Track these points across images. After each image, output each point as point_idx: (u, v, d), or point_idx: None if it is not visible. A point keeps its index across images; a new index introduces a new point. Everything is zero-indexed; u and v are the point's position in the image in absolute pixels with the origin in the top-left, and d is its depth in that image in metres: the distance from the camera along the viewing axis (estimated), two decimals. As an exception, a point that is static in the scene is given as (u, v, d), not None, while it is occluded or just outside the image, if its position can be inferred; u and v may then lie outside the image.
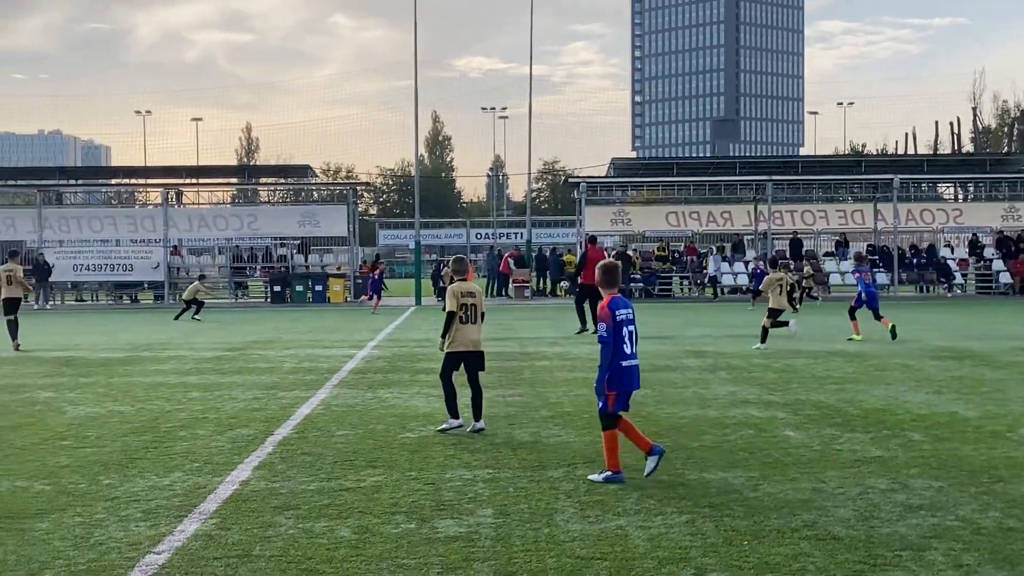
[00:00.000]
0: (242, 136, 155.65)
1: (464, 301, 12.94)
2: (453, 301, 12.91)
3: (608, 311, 10.00)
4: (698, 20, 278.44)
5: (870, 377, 17.82)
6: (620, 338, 10.00)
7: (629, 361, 10.05)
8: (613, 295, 10.22)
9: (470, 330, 13.02)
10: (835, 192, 58.51)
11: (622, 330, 10.03)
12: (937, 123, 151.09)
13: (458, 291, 12.97)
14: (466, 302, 12.95)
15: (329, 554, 7.61)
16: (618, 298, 10.20)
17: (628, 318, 10.13)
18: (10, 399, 16.24)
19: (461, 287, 13.05)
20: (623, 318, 10.06)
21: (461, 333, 12.98)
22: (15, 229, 53.73)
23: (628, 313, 10.16)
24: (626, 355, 10.03)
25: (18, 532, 8.28)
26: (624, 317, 10.08)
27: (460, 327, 12.95)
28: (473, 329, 13.06)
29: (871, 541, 7.80)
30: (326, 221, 53.61)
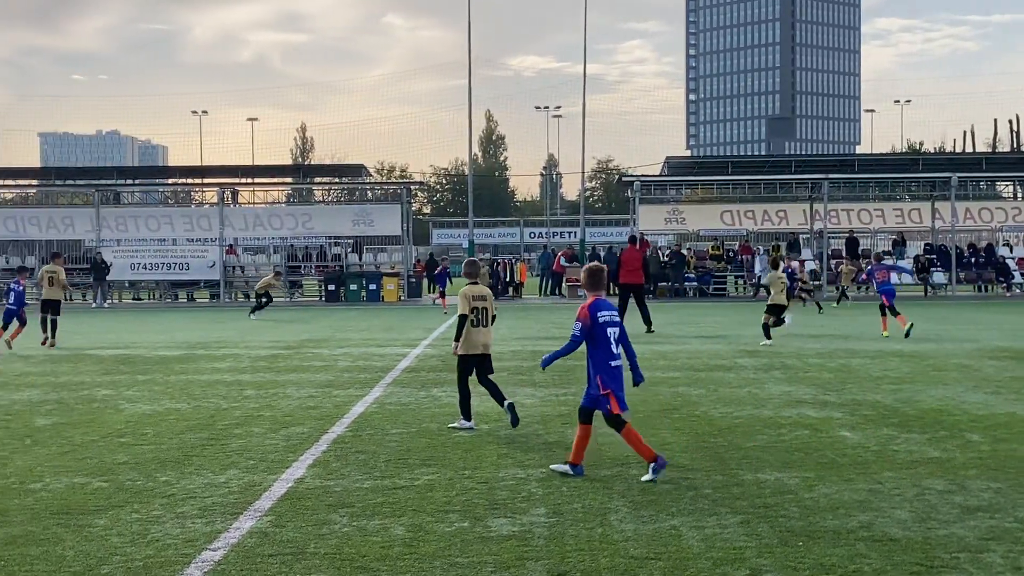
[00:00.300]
0: (297, 136, 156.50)
1: (476, 304, 13.02)
2: (465, 304, 12.98)
3: (588, 313, 10.16)
4: (754, 18, 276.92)
5: (927, 377, 17.65)
6: (606, 339, 10.12)
7: (616, 361, 10.17)
8: (597, 297, 10.41)
9: (482, 333, 13.11)
10: (892, 191, 58.04)
11: (606, 331, 10.16)
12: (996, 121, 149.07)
13: (469, 294, 13.05)
14: (477, 305, 13.05)
15: (383, 552, 7.64)
16: (601, 300, 10.38)
17: (612, 320, 10.26)
18: (69, 396, 16.41)
19: (472, 290, 13.13)
20: (606, 320, 10.20)
21: (473, 336, 13.06)
22: (73, 228, 54.30)
23: (612, 315, 10.30)
24: (614, 355, 10.16)
25: (77, 528, 8.36)
26: (607, 319, 10.21)
27: (471, 330, 13.03)
28: (484, 332, 13.14)
29: (928, 543, 7.72)
30: (380, 220, 53.76)
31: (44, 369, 20.56)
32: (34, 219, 54.14)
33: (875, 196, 56.93)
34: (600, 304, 10.30)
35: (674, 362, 20.32)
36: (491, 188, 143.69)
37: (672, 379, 17.68)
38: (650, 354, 21.93)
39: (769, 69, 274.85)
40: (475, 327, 13.03)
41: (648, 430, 12.62)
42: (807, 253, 54.61)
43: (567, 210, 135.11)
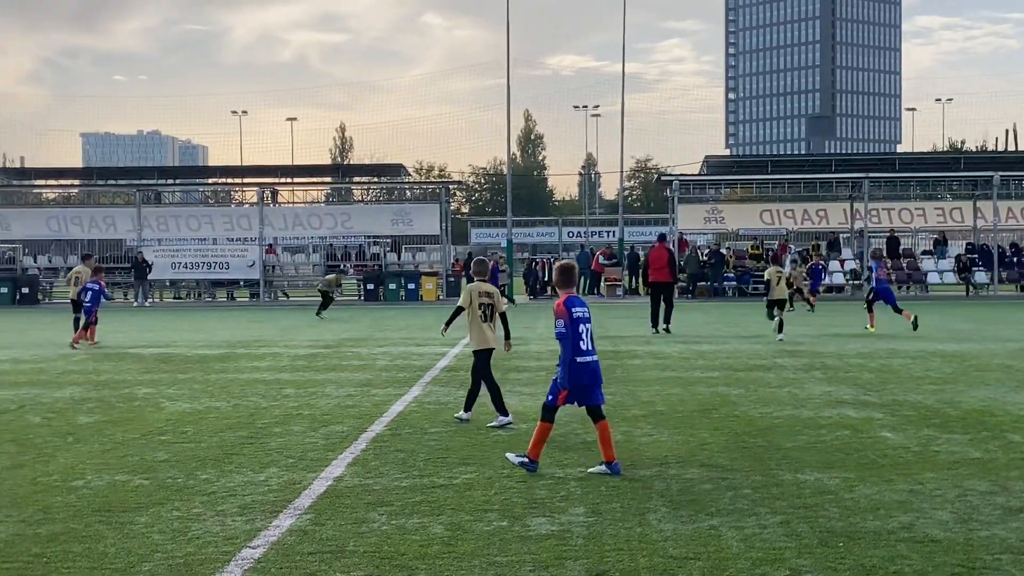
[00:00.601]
0: (336, 135, 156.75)
1: (481, 300, 13.41)
2: (467, 297, 13.43)
3: (565, 308, 10.30)
4: (793, 16, 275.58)
5: (969, 378, 17.52)
6: (577, 335, 10.25)
7: (584, 358, 10.26)
8: (570, 294, 10.58)
9: (491, 328, 13.48)
10: (933, 190, 57.58)
11: (579, 327, 10.29)
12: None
13: (475, 290, 13.49)
14: (483, 301, 13.41)
15: (422, 550, 7.65)
16: (574, 297, 10.55)
17: (584, 316, 10.40)
18: (110, 395, 16.53)
19: (478, 287, 13.56)
20: (579, 316, 10.33)
21: (486, 332, 13.44)
22: (115, 228, 54.65)
23: (584, 312, 10.44)
24: (583, 351, 10.25)
25: (118, 526, 8.42)
26: (580, 315, 10.35)
27: (483, 326, 13.41)
28: (492, 327, 13.49)
29: (970, 544, 7.66)
30: (419, 220, 53.84)
31: (86, 367, 20.72)
32: (76, 219, 54.53)
33: (916, 195, 56.47)
34: (574, 300, 10.46)
35: (713, 362, 20.26)
36: (529, 188, 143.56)
37: (711, 379, 17.63)
38: (689, 353, 21.89)
39: (809, 68, 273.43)
40: (484, 322, 13.40)
41: (687, 430, 12.62)
42: (847, 252, 54.30)
43: (606, 209, 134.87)
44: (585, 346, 10.27)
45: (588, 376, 10.26)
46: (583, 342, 10.27)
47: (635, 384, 17.04)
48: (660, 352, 22.35)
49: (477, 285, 13.56)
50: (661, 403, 14.88)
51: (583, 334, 10.29)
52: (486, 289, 13.52)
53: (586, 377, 10.25)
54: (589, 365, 10.28)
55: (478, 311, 13.33)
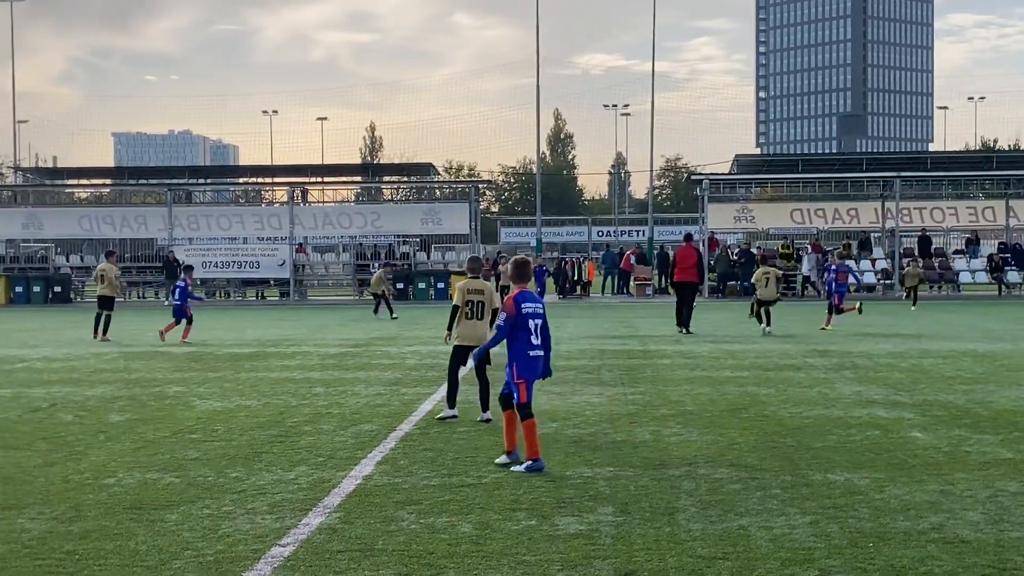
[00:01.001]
0: (366, 135, 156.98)
1: (470, 298, 13.51)
2: (459, 296, 13.53)
3: (513, 303, 10.65)
4: (824, 15, 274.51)
5: (1001, 378, 17.42)
6: (527, 330, 10.60)
7: (535, 351, 10.63)
8: (522, 289, 10.93)
9: (476, 325, 13.52)
10: (965, 189, 57.25)
11: (528, 322, 10.62)
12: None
13: (465, 288, 13.59)
14: (472, 298, 13.51)
15: (450, 549, 7.66)
16: (526, 292, 10.88)
17: (535, 312, 10.72)
18: (141, 393, 16.62)
19: (469, 284, 13.65)
20: (529, 311, 10.67)
21: (466, 328, 13.52)
22: (146, 227, 54.93)
23: (536, 307, 10.76)
24: (533, 346, 10.62)
25: (149, 523, 8.47)
26: (531, 311, 10.69)
27: (465, 322, 13.52)
28: (479, 324, 13.51)
29: (1000, 545, 7.63)
30: (448, 219, 53.91)
31: (117, 366, 20.84)
32: (108, 218, 54.83)
33: (948, 194, 56.18)
34: (524, 296, 10.78)
35: (743, 361, 20.21)
36: (559, 187, 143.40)
37: (741, 378, 17.59)
38: (719, 353, 21.84)
39: (840, 66, 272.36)
40: (469, 319, 13.51)
41: (716, 429, 12.59)
42: (878, 252, 54.05)
43: (635, 209, 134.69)
44: (536, 340, 10.64)
45: (532, 371, 10.66)
46: (533, 336, 10.62)
47: (664, 384, 17.02)
48: (690, 352, 22.30)
49: (468, 283, 13.66)
50: (691, 403, 14.85)
51: (533, 329, 10.63)
52: (477, 287, 13.63)
53: (532, 370, 10.66)
54: (535, 360, 10.66)
55: (465, 308, 13.50)
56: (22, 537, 8.11)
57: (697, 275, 28.56)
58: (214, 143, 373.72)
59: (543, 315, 10.81)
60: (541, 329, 10.71)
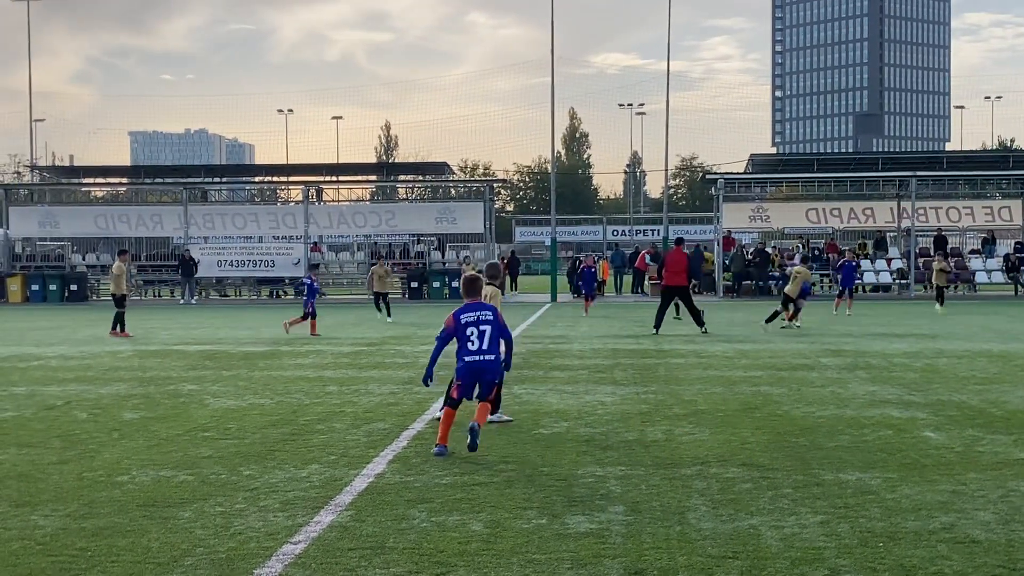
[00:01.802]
0: (381, 134, 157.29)
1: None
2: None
3: (452, 319, 11.60)
4: (841, 14, 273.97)
5: (1015, 378, 17.38)
6: (465, 338, 11.50)
7: (472, 357, 11.45)
8: (472, 302, 11.83)
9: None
10: (981, 188, 57.08)
11: (466, 331, 11.50)
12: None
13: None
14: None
15: (461, 547, 7.68)
16: (468, 305, 11.74)
17: (474, 320, 11.55)
18: (156, 391, 16.69)
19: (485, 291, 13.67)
20: (468, 320, 11.53)
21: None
22: (162, 226, 55.14)
23: (473, 316, 11.58)
24: (469, 351, 11.47)
25: (161, 520, 8.51)
26: (468, 320, 11.54)
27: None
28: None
29: (1011, 545, 7.61)
30: (463, 218, 53.97)
31: (132, 364, 20.92)
32: (124, 217, 55.05)
33: (964, 194, 56.04)
34: (466, 308, 11.67)
35: (756, 361, 20.19)
36: (574, 186, 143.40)
37: (754, 378, 17.58)
38: (732, 352, 21.83)
39: (856, 65, 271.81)
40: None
41: (729, 429, 12.59)
42: (894, 251, 53.93)
43: (650, 208, 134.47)
44: (473, 347, 11.49)
45: (469, 375, 11.49)
46: (471, 343, 11.47)
47: (677, 383, 17.02)
48: (703, 351, 22.30)
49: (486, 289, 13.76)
50: (703, 402, 14.85)
51: (471, 336, 11.48)
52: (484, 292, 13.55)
53: (468, 376, 11.49)
54: (471, 365, 11.46)
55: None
56: (35, 534, 8.16)
57: (687, 278, 28.17)
58: (230, 142, 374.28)
59: (491, 321, 11.57)
60: (490, 335, 11.54)
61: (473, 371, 11.49)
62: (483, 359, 11.49)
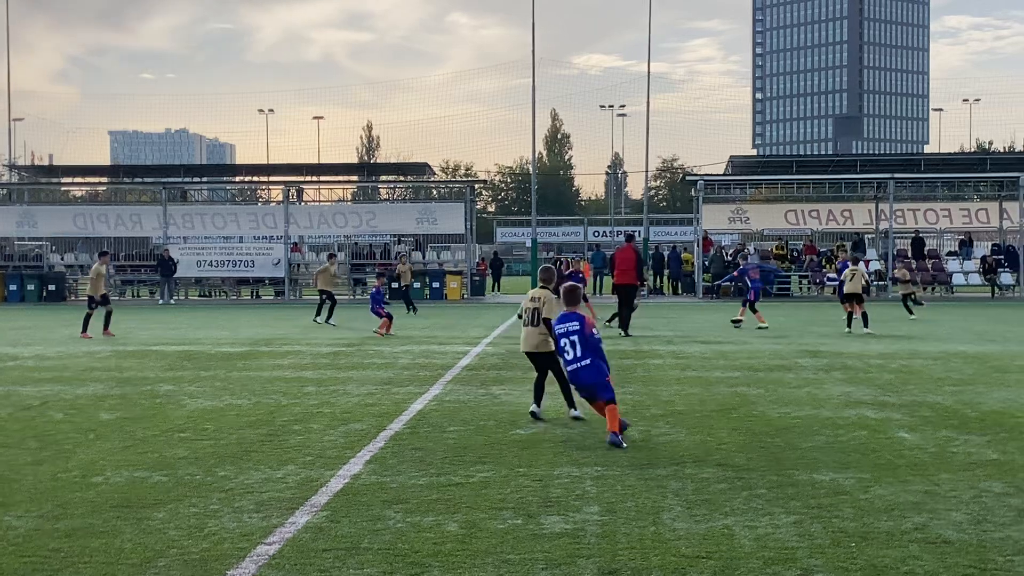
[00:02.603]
0: (363, 134, 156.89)
1: (528, 305, 13.91)
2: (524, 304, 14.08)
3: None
4: (821, 16, 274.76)
5: (990, 379, 17.47)
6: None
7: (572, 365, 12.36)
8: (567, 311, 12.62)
9: (529, 332, 13.90)
10: (959, 190, 57.32)
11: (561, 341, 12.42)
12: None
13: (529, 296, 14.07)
14: (530, 306, 13.89)
15: (435, 548, 7.69)
16: (567, 314, 12.53)
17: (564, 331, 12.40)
18: (132, 391, 16.64)
19: (533, 292, 14.06)
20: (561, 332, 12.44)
21: (523, 333, 14.04)
22: (141, 226, 54.97)
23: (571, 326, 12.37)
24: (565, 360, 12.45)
25: (135, 521, 8.49)
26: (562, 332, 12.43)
27: (523, 328, 14.06)
28: (531, 331, 13.85)
29: (983, 545, 7.66)
30: (444, 218, 53.98)
31: (109, 364, 20.86)
32: (103, 216, 54.91)
33: (942, 196, 56.25)
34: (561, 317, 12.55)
35: (734, 362, 20.25)
36: (556, 187, 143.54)
37: (731, 379, 17.63)
38: (710, 353, 21.88)
39: (836, 68, 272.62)
40: (525, 326, 13.98)
41: (705, 429, 12.63)
42: (872, 253, 54.11)
43: (632, 209, 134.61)
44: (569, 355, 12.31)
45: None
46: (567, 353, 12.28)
47: (655, 384, 17.06)
48: (681, 352, 22.35)
49: (533, 291, 14.08)
50: (680, 403, 14.89)
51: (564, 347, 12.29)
52: (536, 294, 13.96)
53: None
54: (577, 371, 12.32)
55: (522, 315, 14.04)
56: (8, 534, 8.14)
57: (636, 277, 27.92)
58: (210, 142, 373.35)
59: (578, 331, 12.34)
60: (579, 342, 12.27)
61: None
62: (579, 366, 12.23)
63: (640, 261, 28.38)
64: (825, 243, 57.55)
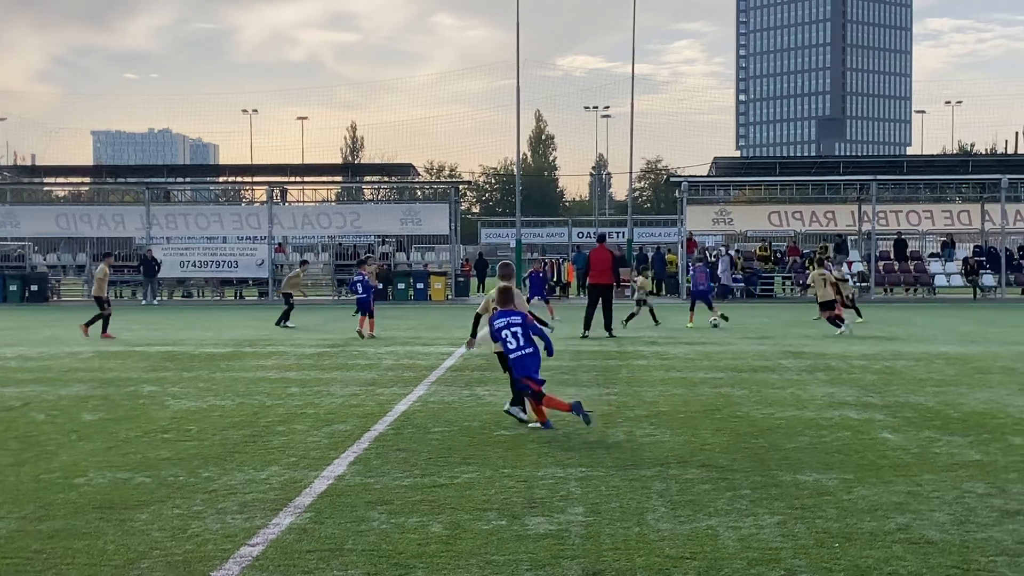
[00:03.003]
0: (347, 134, 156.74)
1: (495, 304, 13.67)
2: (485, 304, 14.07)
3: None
4: (804, 18, 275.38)
5: (972, 380, 17.52)
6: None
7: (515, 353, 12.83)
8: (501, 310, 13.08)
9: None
10: (941, 192, 57.50)
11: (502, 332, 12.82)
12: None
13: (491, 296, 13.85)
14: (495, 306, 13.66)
15: (420, 549, 7.68)
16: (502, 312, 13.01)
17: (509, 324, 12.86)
18: (115, 392, 16.59)
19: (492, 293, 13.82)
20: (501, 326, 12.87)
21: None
22: (124, 226, 54.82)
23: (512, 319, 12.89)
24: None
25: (118, 523, 8.47)
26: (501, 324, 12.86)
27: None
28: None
29: (965, 546, 7.68)
30: (428, 219, 53.96)
31: (92, 365, 20.79)
32: (86, 216, 54.73)
33: (924, 197, 56.40)
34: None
35: (718, 363, 20.28)
36: (540, 188, 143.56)
37: (715, 380, 17.65)
38: (694, 354, 21.91)
39: (819, 70, 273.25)
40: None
41: (689, 430, 12.65)
42: (855, 254, 54.27)
43: (616, 210, 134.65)
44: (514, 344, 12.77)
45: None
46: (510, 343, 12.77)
47: (639, 385, 17.07)
48: (665, 353, 22.37)
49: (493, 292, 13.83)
50: (664, 403, 14.90)
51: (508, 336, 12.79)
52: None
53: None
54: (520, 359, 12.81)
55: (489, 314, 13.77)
56: (-9, 536, 8.12)
57: (612, 276, 27.97)
58: (194, 142, 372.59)
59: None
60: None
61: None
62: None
63: (616, 262, 28.39)
64: (809, 244, 57.73)
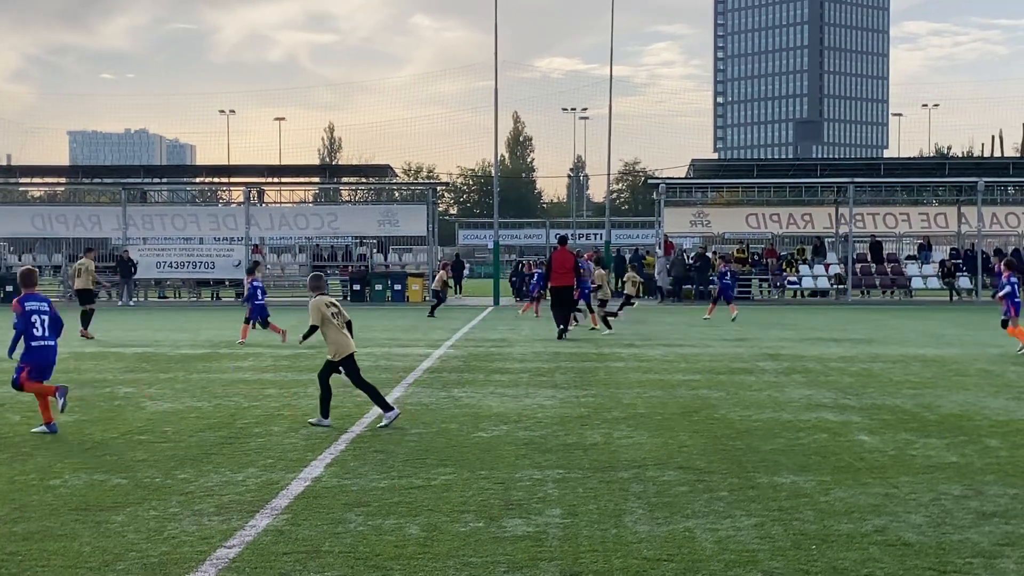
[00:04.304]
0: (325, 136, 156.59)
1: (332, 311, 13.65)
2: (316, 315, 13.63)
3: (19, 306, 13.03)
4: (782, 21, 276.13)
5: (949, 382, 17.59)
6: (31, 324, 12.96)
7: (38, 342, 13.02)
8: (28, 293, 13.30)
9: (347, 337, 13.80)
10: (918, 195, 57.72)
11: (31, 318, 12.98)
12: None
13: (321, 303, 13.63)
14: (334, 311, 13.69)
15: (397, 551, 7.66)
16: (30, 295, 13.26)
17: (39, 309, 13.10)
18: (91, 393, 16.52)
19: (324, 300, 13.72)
20: (32, 309, 13.04)
21: (342, 339, 13.68)
22: (100, 226, 54.55)
23: (40, 306, 13.15)
24: (35, 337, 13.01)
25: (94, 524, 8.42)
26: (34, 308, 13.07)
27: (340, 333, 13.70)
28: (347, 336, 13.80)
29: (942, 547, 7.71)
30: (406, 221, 53.86)
31: (67, 366, 20.64)
32: (61, 217, 54.45)
33: (901, 200, 56.62)
34: (29, 298, 13.19)
35: (695, 365, 20.30)
36: (518, 190, 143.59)
37: (692, 382, 17.68)
38: (672, 356, 21.93)
39: (797, 72, 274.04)
40: (340, 331, 13.68)
41: (667, 432, 12.65)
42: (832, 257, 54.44)
43: (594, 212, 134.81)
44: (39, 333, 13.00)
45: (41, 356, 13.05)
46: (36, 329, 12.97)
47: (616, 387, 17.08)
48: (643, 355, 22.39)
49: (322, 299, 13.68)
50: (642, 405, 14.91)
51: (36, 323, 12.96)
52: (330, 300, 13.78)
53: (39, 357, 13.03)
54: (42, 348, 13.05)
55: (333, 320, 13.56)
56: (-35, 538, 8.06)
57: (574, 279, 27.96)
58: (171, 142, 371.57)
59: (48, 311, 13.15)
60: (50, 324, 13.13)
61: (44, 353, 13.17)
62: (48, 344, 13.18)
63: (578, 264, 28.51)
64: (786, 246, 57.89)
